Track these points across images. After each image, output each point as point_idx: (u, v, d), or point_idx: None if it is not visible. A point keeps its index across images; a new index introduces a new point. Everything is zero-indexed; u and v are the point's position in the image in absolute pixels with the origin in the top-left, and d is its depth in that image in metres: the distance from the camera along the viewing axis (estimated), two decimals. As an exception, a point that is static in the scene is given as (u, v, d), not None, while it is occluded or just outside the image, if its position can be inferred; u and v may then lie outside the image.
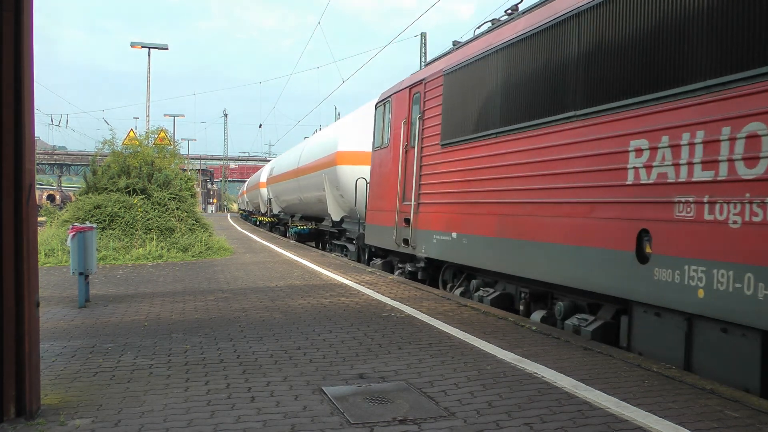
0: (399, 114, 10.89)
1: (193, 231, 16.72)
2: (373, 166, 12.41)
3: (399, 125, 10.78)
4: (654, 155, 5.21)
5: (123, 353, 5.38)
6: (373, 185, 12.40)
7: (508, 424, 3.62)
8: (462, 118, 8.59)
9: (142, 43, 27.10)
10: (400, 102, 10.93)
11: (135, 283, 10.31)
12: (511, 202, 7.32)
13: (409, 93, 10.53)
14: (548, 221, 6.58)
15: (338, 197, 16.24)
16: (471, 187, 8.25)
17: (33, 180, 3.87)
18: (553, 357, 5.18)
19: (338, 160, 15.60)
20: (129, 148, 18.40)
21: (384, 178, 11.58)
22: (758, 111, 4.32)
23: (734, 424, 3.61)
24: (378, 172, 12.07)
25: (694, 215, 4.78)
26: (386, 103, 11.75)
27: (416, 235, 9.92)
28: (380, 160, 11.91)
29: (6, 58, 3.68)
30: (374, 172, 12.33)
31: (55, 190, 77.33)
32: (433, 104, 9.48)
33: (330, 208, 16.84)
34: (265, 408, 3.92)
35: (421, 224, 9.74)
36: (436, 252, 9.30)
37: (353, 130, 15.59)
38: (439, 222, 9.15)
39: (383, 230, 11.51)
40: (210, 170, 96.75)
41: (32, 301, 3.81)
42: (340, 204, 16.49)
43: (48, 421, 3.67)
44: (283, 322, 6.75)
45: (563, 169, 6.37)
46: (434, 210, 9.33)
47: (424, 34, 38.60)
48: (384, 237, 11.46)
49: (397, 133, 10.92)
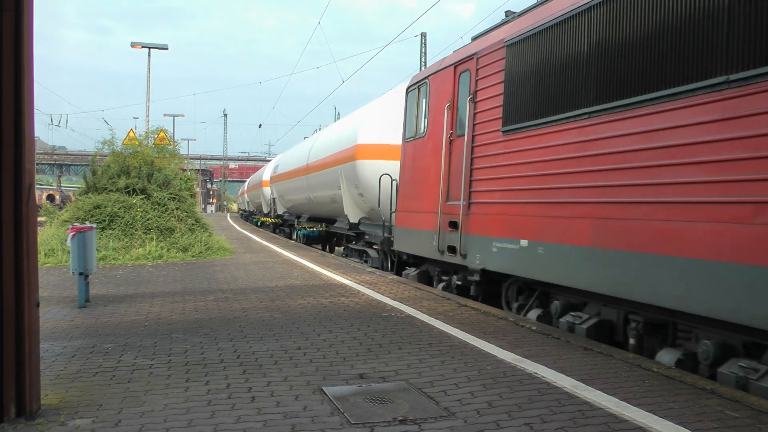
0: (440, 97, 9.19)
1: (193, 231, 16.73)
2: (404, 159, 10.68)
3: (440, 111, 9.08)
4: None
5: (123, 353, 5.38)
6: (405, 182, 10.62)
7: (509, 424, 3.62)
8: (535, 97, 6.88)
9: (142, 43, 27.10)
10: (441, 83, 9.24)
11: (135, 283, 10.30)
12: (622, 201, 5.58)
13: (454, 72, 8.81)
14: (685, 227, 4.86)
15: (357, 196, 14.57)
16: (550, 183, 6.54)
17: (33, 180, 3.87)
18: (553, 357, 5.18)
19: (359, 155, 13.79)
20: (129, 148, 18.41)
21: (420, 173, 9.91)
22: None
23: (734, 424, 3.61)
24: (411, 167, 10.33)
25: None
26: (422, 86, 10.03)
27: (467, 242, 8.15)
28: (414, 153, 10.20)
29: (6, 58, 3.68)
30: (406, 167, 10.57)
31: (54, 190, 77.34)
32: (491, 82, 7.77)
33: (347, 208, 15.16)
34: (265, 408, 3.92)
35: (474, 228, 8.01)
36: (496, 263, 7.53)
37: (376, 119, 13.83)
38: (500, 226, 7.42)
39: (418, 235, 9.80)
40: (210, 170, 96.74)
41: (32, 301, 3.81)
42: (358, 204, 14.84)
43: (48, 421, 3.67)
44: (283, 322, 6.75)
45: (714, 156, 4.67)
46: (493, 212, 7.62)
47: (424, 34, 38.64)
48: (420, 243, 9.77)
49: (437, 119, 9.24)
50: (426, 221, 9.51)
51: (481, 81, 8.05)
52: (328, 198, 17.35)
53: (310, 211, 21.63)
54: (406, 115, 10.75)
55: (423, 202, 9.70)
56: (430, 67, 9.98)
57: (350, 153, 14.40)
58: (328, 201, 17.52)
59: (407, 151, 10.60)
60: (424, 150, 9.73)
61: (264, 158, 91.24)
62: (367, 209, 14.38)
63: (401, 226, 10.76)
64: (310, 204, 20.66)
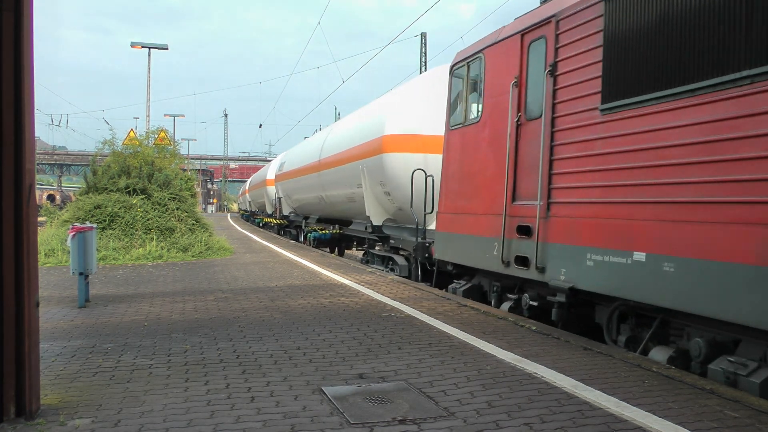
0: (501, 74, 7.61)
1: (193, 231, 16.74)
2: (450, 151, 8.99)
3: (502, 90, 7.50)
4: None
5: (123, 353, 5.38)
6: (451, 178, 8.91)
7: (508, 424, 3.62)
8: (657, 61, 5.27)
9: (142, 43, 27.12)
10: (502, 56, 7.65)
11: (135, 283, 10.31)
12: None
13: (521, 41, 7.22)
14: None
15: (382, 195, 12.77)
16: (687, 176, 4.92)
17: (33, 180, 3.88)
18: (552, 357, 5.18)
19: (386, 147, 11.96)
20: (129, 148, 18.44)
21: (472, 167, 8.25)
22: None
23: (734, 424, 3.61)
24: (460, 160, 8.67)
25: None
26: (473, 62, 8.38)
27: (547, 253, 6.51)
28: (464, 143, 8.55)
29: (6, 58, 3.68)
30: (452, 160, 8.88)
31: (55, 190, 77.39)
32: (580, 49, 6.20)
33: (369, 209, 13.32)
34: (264, 408, 3.93)
35: (558, 235, 6.36)
36: (593, 281, 5.86)
37: (407, 106, 12.04)
38: (599, 233, 5.79)
39: (471, 242, 8.15)
40: (210, 170, 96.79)
41: (32, 301, 3.81)
42: (383, 204, 13.06)
43: (48, 421, 3.67)
44: (283, 322, 6.75)
45: None
46: (587, 214, 5.98)
47: (424, 34, 38.68)
48: (472, 251, 8.13)
49: (497, 101, 7.62)
50: (482, 225, 7.88)
51: (564, 49, 6.46)
52: (345, 197, 15.77)
53: (321, 211, 19.98)
54: (451, 98, 9.09)
55: (477, 201, 8.08)
56: (484, 39, 8.28)
57: (375, 145, 12.55)
58: (344, 200, 15.94)
59: (453, 141, 8.92)
60: (479, 139, 8.13)
61: (264, 158, 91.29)
62: (393, 210, 12.72)
63: (445, 230, 9.09)
64: (322, 204, 18.99)
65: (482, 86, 8.09)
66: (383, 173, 12.20)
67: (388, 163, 11.88)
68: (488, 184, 7.82)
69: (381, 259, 13.47)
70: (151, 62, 27.45)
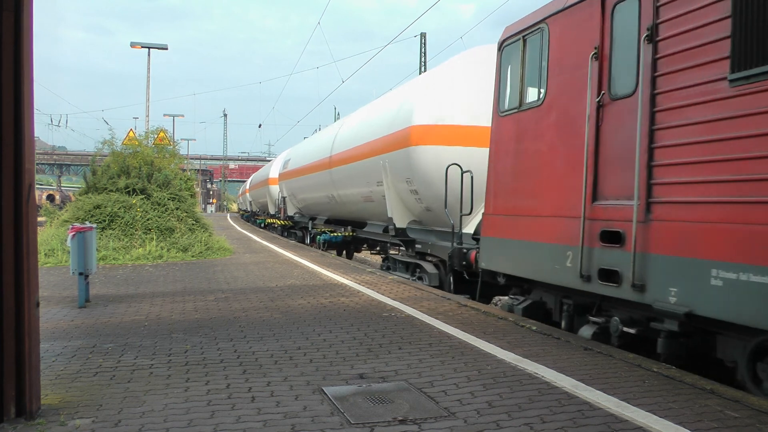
0: (574, 45, 6.36)
1: (193, 231, 16.74)
2: (499, 142, 7.67)
3: (576, 65, 6.27)
4: None
5: (123, 353, 5.38)
6: (502, 173, 7.64)
7: (508, 424, 3.62)
8: None
9: (141, 43, 27.12)
10: (574, 25, 6.43)
11: (135, 283, 10.30)
12: None
13: (601, 5, 5.98)
14: None
15: (407, 194, 11.27)
16: None
17: (33, 180, 3.88)
18: (553, 357, 5.18)
19: (414, 139, 10.48)
20: (129, 148, 18.45)
21: (532, 159, 6.99)
22: None
23: (734, 424, 3.61)
24: (515, 151, 7.35)
25: None
26: (531, 36, 7.11)
27: (649, 266, 5.16)
28: (520, 131, 7.25)
29: (6, 58, 3.68)
30: (504, 152, 7.57)
31: (54, 190, 77.38)
32: (696, 4, 4.90)
33: (391, 209, 11.87)
34: (265, 408, 3.92)
35: (664, 244, 5.06)
36: (725, 306, 4.47)
37: (440, 92, 10.50)
38: (732, 243, 4.46)
39: (530, 249, 6.86)
40: (210, 170, 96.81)
41: (32, 301, 3.81)
42: (408, 204, 11.52)
43: (48, 421, 3.67)
44: (283, 322, 6.75)
45: None
46: (712, 217, 4.64)
47: (424, 34, 38.68)
48: (533, 261, 6.80)
49: (570, 78, 6.38)
50: (548, 230, 6.60)
51: (668, 7, 5.22)
52: (361, 197, 14.30)
53: (331, 211, 18.51)
54: (501, 80, 7.78)
55: (540, 201, 6.78)
56: (546, 7, 6.98)
57: (401, 137, 11.04)
58: (360, 200, 14.52)
59: (505, 129, 7.62)
60: (541, 125, 6.84)
61: (264, 158, 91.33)
62: (419, 211, 11.29)
63: (494, 235, 7.71)
64: (332, 204, 17.52)
65: (545, 63, 6.85)
66: (410, 169, 10.73)
67: (417, 157, 10.41)
68: (556, 180, 6.52)
69: (405, 265, 12.01)
70: (150, 62, 27.44)
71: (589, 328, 6.08)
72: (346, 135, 15.63)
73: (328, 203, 17.94)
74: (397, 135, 11.37)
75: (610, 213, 5.69)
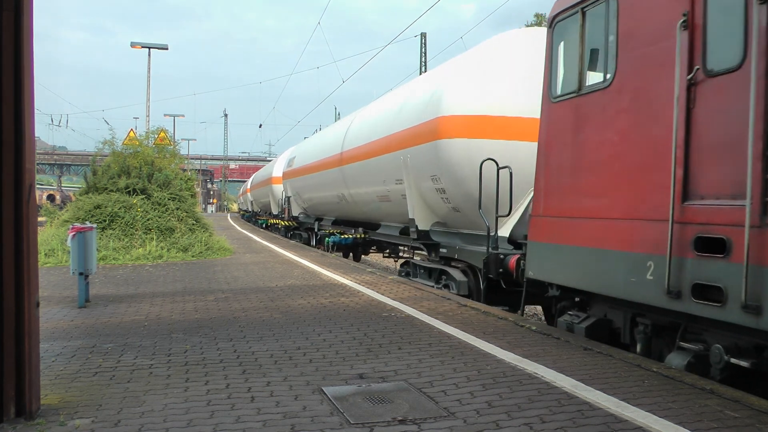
0: (654, 13, 5.38)
1: (193, 231, 16.74)
2: (552, 132, 6.65)
3: (660, 35, 5.27)
4: None
5: (123, 353, 5.38)
6: (556, 168, 6.60)
7: (508, 424, 3.62)
8: None
9: (142, 43, 27.13)
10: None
11: (135, 283, 10.31)
12: None
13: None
14: None
15: (432, 193, 10.17)
16: None
17: (33, 180, 3.88)
18: (552, 357, 5.18)
19: (443, 131, 9.33)
20: (129, 148, 18.46)
21: (597, 150, 5.94)
22: None
23: (734, 424, 3.61)
24: (573, 142, 6.32)
25: None
26: (593, 6, 6.13)
27: (766, 283, 4.20)
28: (580, 118, 6.23)
29: (6, 58, 3.68)
30: (557, 144, 6.57)
31: (55, 190, 77.42)
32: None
33: (413, 210, 10.78)
34: (264, 408, 3.93)
35: None
36: None
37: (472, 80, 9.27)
38: None
39: (596, 257, 5.78)
40: (210, 170, 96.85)
41: (32, 301, 3.81)
42: (433, 203, 10.39)
43: (48, 421, 3.67)
44: (283, 322, 6.76)
45: None
46: None
47: (424, 34, 38.73)
48: (600, 271, 5.72)
49: (649, 53, 5.37)
50: (620, 234, 5.52)
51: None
52: (376, 196, 13.17)
53: (340, 212, 17.42)
54: (553, 61, 6.81)
55: (609, 201, 5.72)
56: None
57: (428, 130, 9.92)
58: (375, 200, 13.44)
59: (560, 117, 6.61)
60: (609, 110, 5.82)
61: (264, 158, 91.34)
62: (445, 211, 10.19)
63: (547, 240, 6.71)
64: (342, 204, 16.43)
65: (612, 38, 5.89)
66: (437, 165, 9.62)
67: (446, 151, 9.25)
68: (631, 176, 5.48)
69: (428, 272, 10.85)
70: (151, 62, 27.46)
71: (680, 356, 5.00)
72: (360, 129, 14.47)
73: (338, 203, 16.91)
74: (422, 128, 10.20)
75: (708, 215, 4.64)
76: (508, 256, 8.12)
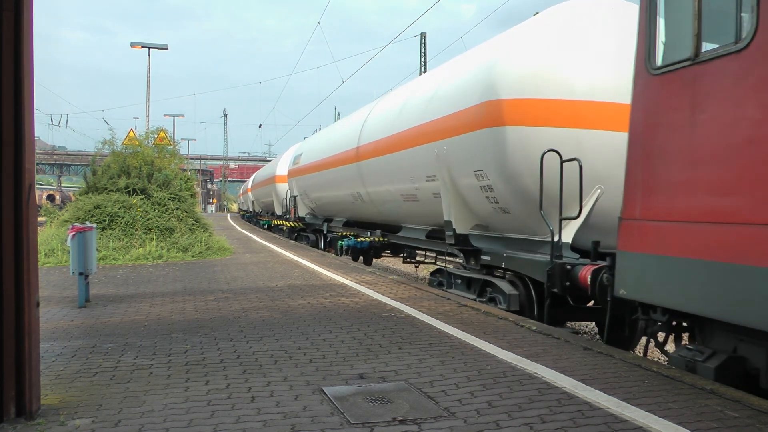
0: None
1: (193, 231, 16.74)
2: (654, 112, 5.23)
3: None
4: None
5: (123, 353, 5.38)
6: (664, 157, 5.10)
7: (508, 424, 3.62)
8: None
9: (142, 43, 27.12)
10: None
11: (135, 283, 10.31)
12: None
13: None
14: None
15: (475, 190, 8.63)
16: None
17: (33, 180, 3.88)
18: (553, 357, 5.18)
19: (493, 118, 7.79)
20: (129, 148, 18.46)
21: (727, 135, 4.52)
22: None
23: (734, 424, 3.61)
24: (688, 125, 4.85)
25: None
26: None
27: None
28: (700, 93, 4.79)
29: (6, 58, 3.68)
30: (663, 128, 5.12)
31: (55, 190, 77.40)
32: None
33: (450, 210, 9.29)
34: (265, 408, 3.92)
35: None
36: None
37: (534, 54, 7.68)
38: None
39: (727, 275, 4.37)
40: (210, 170, 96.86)
41: (32, 301, 3.81)
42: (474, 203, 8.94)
43: (48, 421, 3.67)
44: (283, 322, 6.76)
45: None
46: None
47: (424, 34, 38.72)
48: (733, 294, 4.34)
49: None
50: (765, 244, 4.18)
51: None
52: (400, 194, 11.63)
53: (354, 212, 16.05)
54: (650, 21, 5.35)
55: (749, 200, 4.31)
56: None
57: (472, 117, 8.31)
58: (398, 199, 11.86)
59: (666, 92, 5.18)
60: (748, 80, 4.37)
61: (264, 158, 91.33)
62: (489, 212, 8.73)
63: (647, 250, 5.28)
64: (358, 204, 14.95)
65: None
66: (484, 158, 8.14)
67: (498, 142, 7.76)
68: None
69: (467, 282, 9.37)
70: (150, 62, 27.45)
71: None
72: (380, 120, 12.80)
73: (352, 203, 15.36)
74: (463, 114, 8.61)
75: None
76: (578, 266, 6.85)
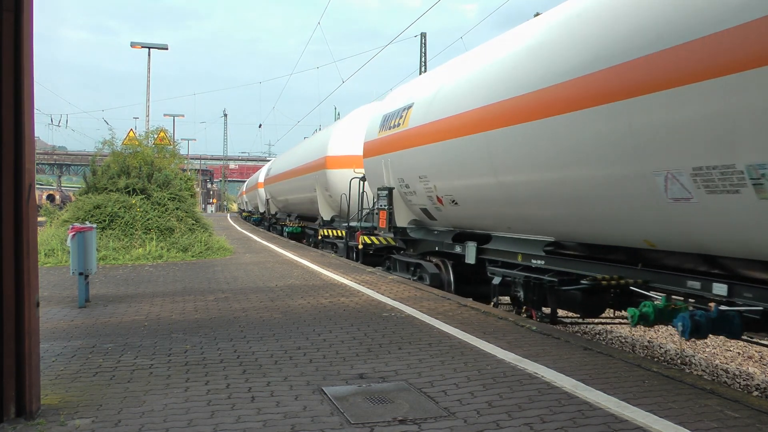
0: None
1: (193, 231, 16.72)
2: None
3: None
4: None
5: (123, 353, 5.38)
6: None
7: (508, 424, 3.62)
8: None
9: (142, 43, 27.08)
10: None
11: (135, 283, 10.30)
12: None
13: None
14: None
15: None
16: None
17: (33, 180, 3.88)
18: (553, 357, 5.18)
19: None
20: (129, 148, 18.45)
21: None
22: None
23: (734, 424, 3.61)
24: None
25: None
26: None
27: None
28: None
29: (6, 58, 3.68)
30: None
31: (55, 190, 77.34)
32: None
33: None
34: (265, 408, 3.92)
35: None
36: None
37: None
38: None
39: None
40: (210, 170, 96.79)
41: (32, 301, 3.81)
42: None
43: (48, 421, 3.67)
44: (283, 322, 6.75)
45: None
46: None
47: (424, 34, 38.66)
48: None
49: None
50: None
51: None
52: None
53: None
54: None
55: None
56: None
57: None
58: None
59: None
60: None
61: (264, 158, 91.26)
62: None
63: None
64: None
65: None
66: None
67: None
68: None
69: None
70: (151, 62, 27.43)
71: None
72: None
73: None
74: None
75: None
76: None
